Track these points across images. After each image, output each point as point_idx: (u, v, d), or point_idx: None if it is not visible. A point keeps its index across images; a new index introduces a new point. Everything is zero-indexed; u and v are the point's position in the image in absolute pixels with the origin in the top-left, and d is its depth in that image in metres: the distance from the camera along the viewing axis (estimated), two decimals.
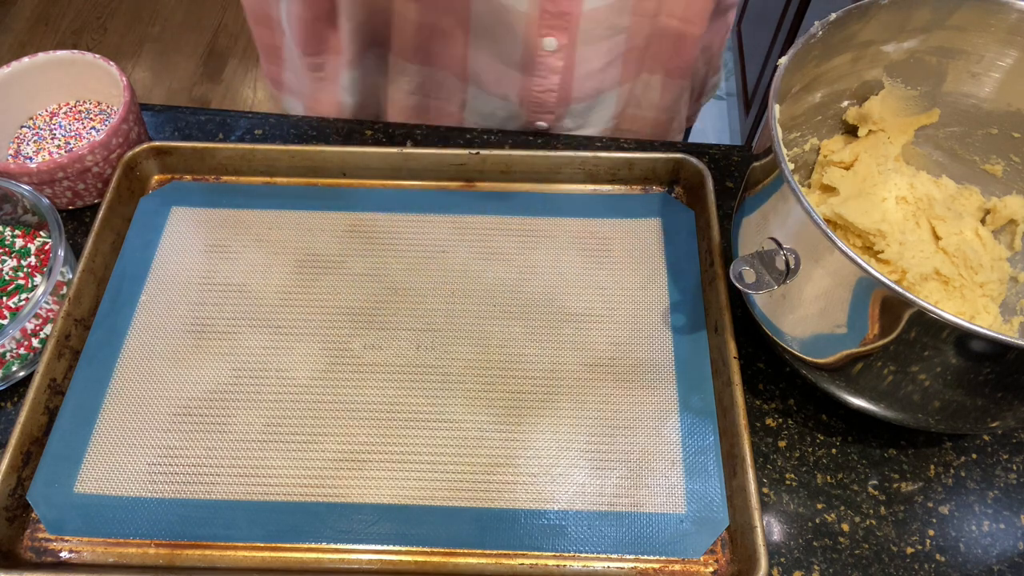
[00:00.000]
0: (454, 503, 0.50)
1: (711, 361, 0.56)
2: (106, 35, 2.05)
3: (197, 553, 0.49)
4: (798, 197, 0.42)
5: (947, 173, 0.58)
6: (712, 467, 0.51)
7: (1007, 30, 0.50)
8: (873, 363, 0.45)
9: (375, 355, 0.56)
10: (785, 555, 0.50)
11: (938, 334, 0.40)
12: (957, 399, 0.44)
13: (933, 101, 0.56)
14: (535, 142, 0.69)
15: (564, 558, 0.49)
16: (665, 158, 0.63)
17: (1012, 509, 0.52)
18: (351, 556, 0.49)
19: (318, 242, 0.61)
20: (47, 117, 0.67)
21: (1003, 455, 0.54)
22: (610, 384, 0.55)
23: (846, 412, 0.55)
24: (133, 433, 0.53)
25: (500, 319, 0.58)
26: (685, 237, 0.61)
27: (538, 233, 0.62)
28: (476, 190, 0.65)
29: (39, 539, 0.50)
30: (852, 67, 0.53)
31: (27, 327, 0.55)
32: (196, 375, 0.55)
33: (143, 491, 0.51)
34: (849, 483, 0.53)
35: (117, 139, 0.62)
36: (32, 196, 0.58)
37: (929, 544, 0.51)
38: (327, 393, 0.55)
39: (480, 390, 0.55)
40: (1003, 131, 0.55)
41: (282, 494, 0.51)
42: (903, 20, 0.51)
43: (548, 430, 0.53)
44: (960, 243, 0.53)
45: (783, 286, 0.45)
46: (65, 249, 0.56)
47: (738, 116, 1.79)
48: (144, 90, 1.93)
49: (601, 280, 0.60)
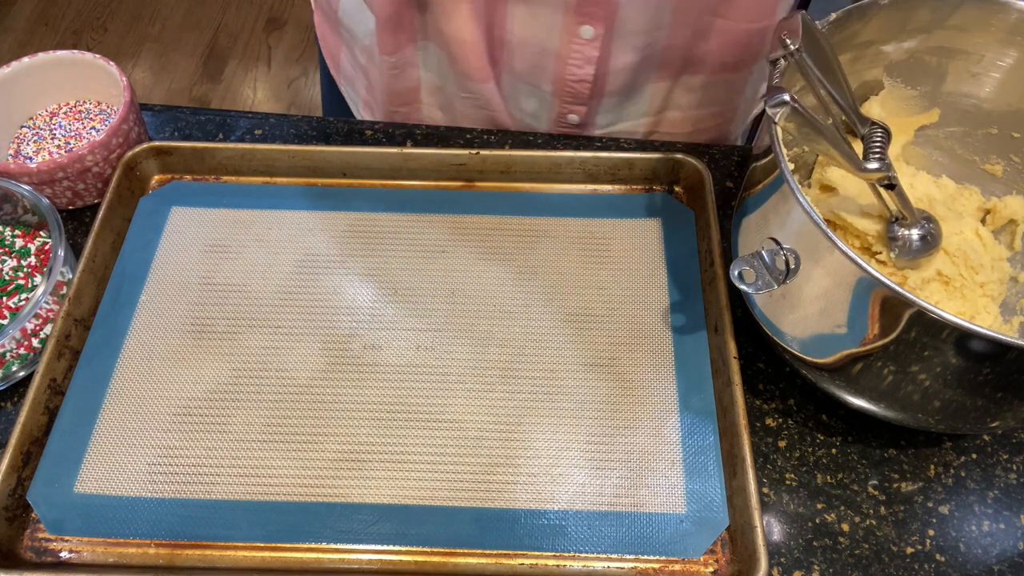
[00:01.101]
0: (454, 503, 0.50)
1: (711, 361, 0.56)
2: (106, 35, 2.05)
3: (197, 553, 0.49)
4: (798, 197, 0.42)
5: (947, 173, 0.58)
6: (712, 467, 0.51)
7: (1007, 30, 0.50)
8: (873, 363, 0.45)
9: (375, 355, 0.56)
10: (785, 555, 0.50)
11: (938, 334, 0.40)
12: (957, 399, 0.44)
13: (933, 101, 0.56)
14: (535, 142, 0.69)
15: (564, 558, 0.49)
16: (665, 158, 0.63)
17: (1012, 509, 0.52)
18: (351, 556, 0.49)
19: (318, 242, 0.61)
20: (47, 117, 0.67)
21: (1003, 455, 0.54)
22: (610, 384, 0.55)
23: (846, 412, 0.55)
24: (133, 433, 0.53)
25: (500, 319, 0.58)
26: (685, 237, 0.61)
27: (538, 233, 0.62)
28: (476, 190, 0.65)
29: (39, 539, 0.50)
30: (852, 67, 0.53)
31: (27, 327, 0.55)
32: (196, 375, 0.55)
33: (143, 491, 0.51)
34: (849, 483, 0.53)
35: (117, 139, 0.62)
36: (32, 196, 0.58)
37: (929, 544, 0.51)
38: (327, 393, 0.55)
39: (480, 390, 0.55)
40: (1003, 131, 0.55)
41: (282, 494, 0.51)
42: (903, 20, 0.51)
43: (548, 430, 0.53)
44: (960, 243, 0.53)
45: (783, 286, 0.45)
46: (65, 249, 0.56)
47: None
48: (144, 90, 1.93)
49: (601, 280, 0.60)
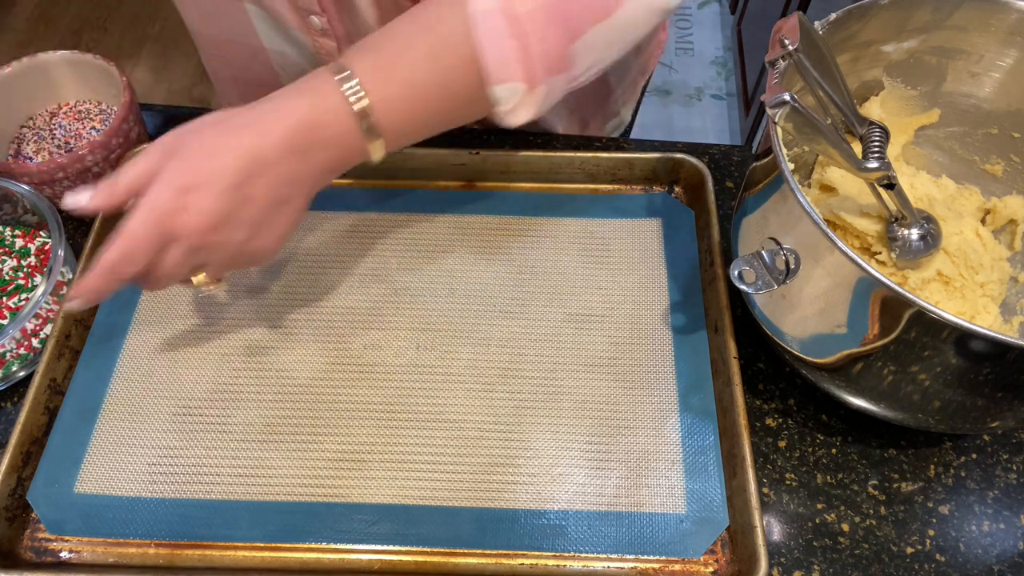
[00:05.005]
0: (454, 503, 0.50)
1: (711, 361, 0.56)
2: (106, 35, 2.05)
3: (197, 553, 0.49)
4: (798, 197, 0.42)
5: (947, 173, 0.58)
6: (712, 467, 0.51)
7: (1007, 30, 0.50)
8: (873, 363, 0.45)
9: (375, 355, 0.56)
10: (785, 555, 0.50)
11: (938, 334, 0.40)
12: (957, 399, 0.44)
13: (933, 101, 0.56)
14: (535, 142, 0.69)
15: (564, 558, 0.49)
16: (665, 158, 0.63)
17: (1012, 509, 0.52)
18: (351, 556, 0.49)
19: (318, 242, 0.61)
20: (47, 117, 0.67)
21: (1003, 455, 0.54)
22: (610, 384, 0.55)
23: (846, 412, 0.55)
24: (133, 433, 0.53)
25: (500, 319, 0.58)
26: (685, 237, 0.61)
27: (538, 233, 0.62)
28: (476, 190, 0.65)
29: (39, 539, 0.50)
30: (852, 67, 0.53)
31: (27, 327, 0.55)
32: (196, 375, 0.55)
33: (143, 491, 0.51)
34: (849, 483, 0.53)
35: (117, 139, 0.62)
36: (32, 196, 0.58)
37: (929, 544, 0.51)
38: (327, 393, 0.55)
39: (480, 390, 0.55)
40: (1003, 131, 0.55)
41: (282, 494, 0.51)
42: (903, 20, 0.51)
43: (548, 430, 0.53)
44: (960, 243, 0.53)
45: (783, 286, 0.45)
46: (65, 249, 0.56)
47: (738, 116, 1.79)
48: (144, 90, 1.93)
49: (601, 280, 0.60)
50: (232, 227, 0.46)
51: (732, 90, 1.91)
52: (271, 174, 0.46)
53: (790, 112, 0.41)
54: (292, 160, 0.46)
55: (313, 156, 0.47)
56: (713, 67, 1.97)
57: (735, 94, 1.86)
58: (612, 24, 0.48)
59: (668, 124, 1.85)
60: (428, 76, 0.47)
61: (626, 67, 0.74)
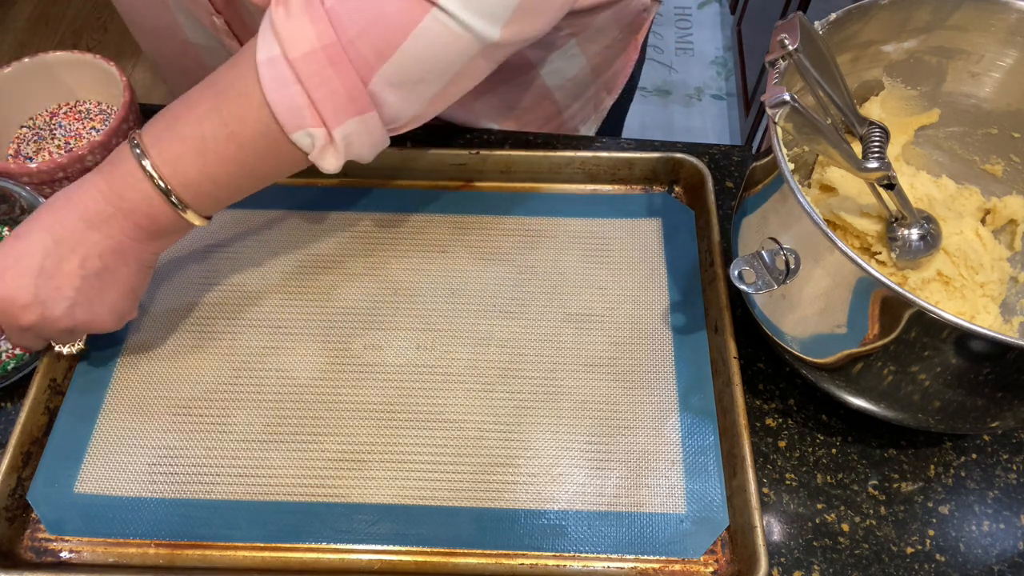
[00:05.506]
0: (454, 503, 0.50)
1: (711, 361, 0.56)
2: (106, 35, 2.05)
3: (197, 553, 0.49)
4: (798, 197, 0.42)
5: (947, 173, 0.58)
6: (712, 467, 0.51)
7: (1007, 30, 0.50)
8: (873, 363, 0.45)
9: (375, 355, 0.56)
10: (785, 555, 0.50)
11: (938, 334, 0.40)
12: (957, 399, 0.44)
13: (933, 101, 0.56)
14: (535, 142, 0.69)
15: (564, 558, 0.49)
16: (665, 158, 0.63)
17: (1012, 509, 0.52)
18: (351, 556, 0.49)
19: (318, 242, 0.61)
20: (47, 117, 0.67)
21: (1003, 455, 0.54)
22: (610, 384, 0.55)
23: (846, 412, 0.55)
24: (133, 433, 0.53)
25: (500, 319, 0.58)
26: (685, 237, 0.61)
27: (538, 233, 0.62)
28: (476, 190, 0.65)
29: (39, 539, 0.50)
30: (852, 67, 0.53)
31: None
32: (196, 375, 0.55)
33: (143, 491, 0.51)
34: (849, 483, 0.53)
35: (117, 139, 0.62)
36: (31, 196, 0.58)
37: (929, 544, 0.51)
38: (327, 393, 0.55)
39: (480, 390, 0.55)
40: (1003, 131, 0.55)
41: (282, 494, 0.51)
42: (903, 20, 0.51)
43: (548, 430, 0.53)
44: (960, 243, 0.53)
45: (783, 286, 0.45)
46: None
47: (738, 116, 1.79)
48: (144, 90, 1.93)
49: (601, 280, 0.60)
50: (49, 304, 0.47)
51: (732, 90, 1.91)
52: (79, 250, 0.47)
53: (790, 112, 0.41)
54: (93, 234, 0.47)
55: (115, 226, 0.47)
56: (713, 67, 1.97)
57: (735, 94, 1.86)
58: (405, 59, 0.44)
59: (668, 124, 1.85)
60: (214, 129, 0.45)
61: (579, 84, 0.70)
